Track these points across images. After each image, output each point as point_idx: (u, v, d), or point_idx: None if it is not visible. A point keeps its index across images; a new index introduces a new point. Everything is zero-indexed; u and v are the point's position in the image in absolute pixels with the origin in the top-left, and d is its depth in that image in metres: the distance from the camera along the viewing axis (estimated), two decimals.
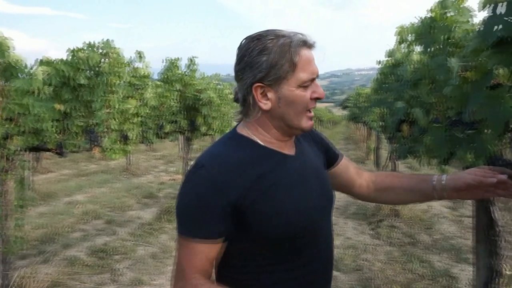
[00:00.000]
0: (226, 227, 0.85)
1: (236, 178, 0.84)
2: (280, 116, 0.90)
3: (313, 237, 0.93)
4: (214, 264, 0.92)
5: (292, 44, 0.86)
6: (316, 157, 1.06)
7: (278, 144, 0.94)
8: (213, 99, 4.75)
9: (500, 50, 1.20)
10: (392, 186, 1.14)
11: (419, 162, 2.42)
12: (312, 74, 0.89)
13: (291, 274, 0.90)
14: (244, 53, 0.88)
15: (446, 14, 1.90)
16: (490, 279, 1.70)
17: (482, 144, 1.34)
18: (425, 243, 4.16)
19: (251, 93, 0.88)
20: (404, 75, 2.73)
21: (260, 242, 0.88)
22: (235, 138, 0.94)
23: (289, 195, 0.89)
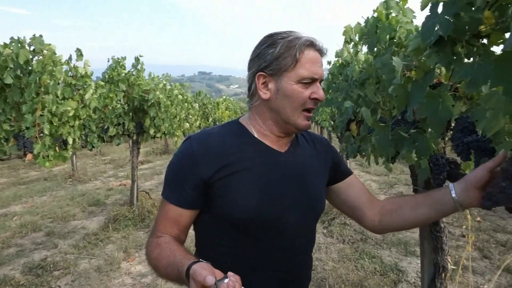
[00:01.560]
0: (196, 198, 0.93)
1: (213, 157, 0.92)
2: (277, 108, 0.95)
3: (273, 233, 0.95)
4: (194, 231, 1.02)
5: (299, 42, 0.92)
6: (314, 164, 1.08)
7: (271, 138, 1.00)
8: (161, 100, 4.56)
9: (439, 49, 1.20)
10: (405, 202, 1.06)
11: (367, 160, 2.45)
12: (313, 74, 0.93)
13: (244, 262, 0.94)
14: (256, 47, 0.97)
15: (390, 14, 1.92)
16: (436, 274, 1.73)
17: (425, 143, 1.34)
18: (375, 239, 4.28)
19: (254, 81, 0.97)
20: (352, 75, 2.76)
21: (220, 220, 0.93)
22: (232, 124, 1.03)
23: (257, 185, 0.92)
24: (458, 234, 4.35)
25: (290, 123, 0.96)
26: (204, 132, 1.00)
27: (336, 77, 3.69)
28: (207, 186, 0.91)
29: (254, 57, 0.97)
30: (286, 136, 1.02)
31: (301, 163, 1.03)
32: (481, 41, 1.20)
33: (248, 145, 0.97)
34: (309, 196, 1.01)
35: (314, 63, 0.94)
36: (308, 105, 0.95)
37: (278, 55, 0.91)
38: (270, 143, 1.00)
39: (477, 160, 1.11)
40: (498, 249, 3.94)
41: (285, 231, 0.96)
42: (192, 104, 7.20)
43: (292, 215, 0.97)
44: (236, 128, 1.01)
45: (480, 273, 3.39)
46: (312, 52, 0.94)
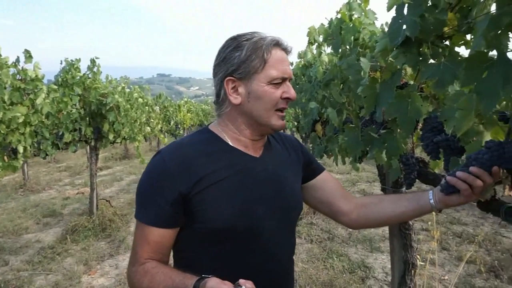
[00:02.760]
0: (177, 216, 0.88)
1: (188, 170, 0.87)
2: (250, 112, 0.93)
3: (256, 242, 0.93)
4: (173, 249, 0.96)
5: (265, 42, 0.90)
6: (288, 165, 1.07)
7: (245, 143, 0.97)
8: (120, 104, 4.37)
9: (406, 50, 1.21)
10: (382, 201, 1.08)
11: (334, 160, 2.47)
12: (283, 73, 0.92)
13: (231, 272, 0.85)
14: (221, 50, 0.94)
15: (353, 16, 1.94)
16: (406, 271, 1.76)
17: (395, 143, 1.35)
18: (341, 237, 4.35)
19: (223, 87, 0.93)
20: (316, 76, 2.77)
21: (204, 235, 0.90)
22: (203, 133, 0.99)
23: (235, 193, 0.90)
24: (419, 228, 4.52)
25: (265, 125, 0.94)
26: (174, 144, 0.95)
27: (299, 78, 3.71)
28: (185, 201, 0.87)
29: (219, 61, 0.94)
30: (261, 139, 1.00)
31: (277, 167, 1.02)
32: (445, 42, 1.22)
33: (223, 153, 0.94)
34: (287, 199, 1.01)
35: (282, 63, 0.92)
36: (280, 105, 0.94)
37: (245, 58, 0.89)
38: (244, 148, 0.97)
39: (446, 158, 1.13)
40: (455, 240, 4.14)
41: (267, 237, 0.95)
42: (153, 107, 6.99)
43: (273, 220, 0.96)
44: (208, 137, 0.97)
45: (440, 265, 3.54)
46: (279, 52, 0.93)
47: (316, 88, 2.72)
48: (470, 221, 4.72)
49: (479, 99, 0.82)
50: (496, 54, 0.82)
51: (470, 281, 3.18)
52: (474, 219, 4.79)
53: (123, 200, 6.62)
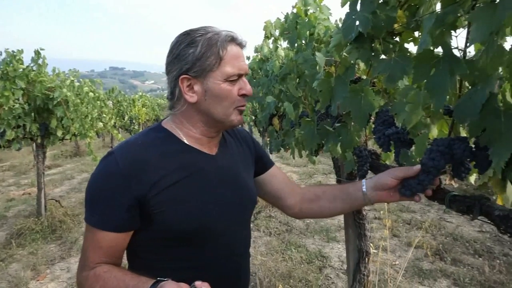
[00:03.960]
0: (129, 218, 0.84)
1: (144, 172, 0.84)
2: (207, 110, 0.91)
3: (214, 241, 0.92)
4: (127, 252, 0.92)
5: (219, 38, 0.88)
6: (242, 160, 1.07)
7: (202, 141, 0.95)
8: (69, 98, 4.12)
9: (359, 45, 1.25)
10: (323, 194, 1.15)
11: (291, 154, 2.50)
12: (239, 70, 0.90)
13: (190, 272, 0.88)
14: (173, 47, 0.90)
15: (308, 11, 1.96)
16: (360, 259, 1.83)
17: (349, 136, 1.39)
18: (299, 228, 4.45)
19: (177, 85, 0.90)
20: (272, 70, 2.79)
21: (161, 237, 0.87)
22: (156, 131, 0.95)
23: (192, 194, 0.88)
24: (372, 217, 4.73)
25: (222, 122, 0.93)
26: (127, 144, 0.90)
27: (256, 72, 3.72)
28: (142, 205, 0.84)
29: (173, 58, 0.90)
30: (218, 135, 1.00)
31: (232, 163, 1.03)
32: (395, 39, 1.27)
33: (179, 153, 0.91)
34: (243, 196, 1.02)
35: (238, 59, 0.91)
36: (239, 102, 0.93)
37: (200, 55, 0.87)
38: (201, 146, 0.96)
39: (397, 151, 1.18)
40: (404, 227, 4.39)
41: (224, 235, 0.95)
42: (105, 102, 6.69)
43: (230, 218, 0.96)
44: (163, 136, 0.94)
45: (392, 251, 3.73)
46: (235, 48, 0.91)
47: (273, 82, 2.73)
48: (418, 208, 5.01)
49: (430, 95, 0.86)
50: (442, 51, 0.86)
51: (418, 265, 3.38)
52: (421, 206, 5.09)
53: (75, 200, 6.31)
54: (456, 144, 0.85)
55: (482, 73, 0.80)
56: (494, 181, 0.88)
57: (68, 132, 4.49)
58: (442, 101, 0.79)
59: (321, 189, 1.18)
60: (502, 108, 0.71)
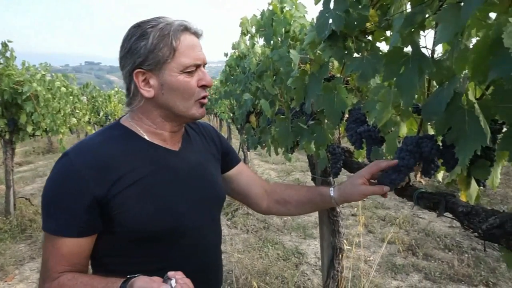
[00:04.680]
0: (90, 221, 0.80)
1: (103, 171, 0.80)
2: (165, 104, 0.87)
3: (183, 239, 0.89)
4: (91, 256, 0.87)
5: (172, 28, 0.84)
6: (207, 155, 1.03)
7: (163, 136, 0.92)
8: (40, 93, 3.98)
9: (332, 43, 1.25)
10: (291, 200, 1.15)
11: (267, 151, 2.51)
12: (195, 60, 0.87)
13: (160, 273, 0.79)
14: (125, 40, 0.86)
15: (284, 8, 1.96)
16: (334, 256, 1.85)
17: (323, 134, 1.40)
18: (277, 226, 4.46)
19: (132, 80, 0.86)
20: (249, 67, 2.78)
21: (125, 238, 0.84)
22: (115, 129, 0.91)
23: (156, 192, 0.85)
24: (348, 214, 4.81)
25: (183, 115, 0.90)
26: (83, 144, 0.86)
27: (234, 69, 3.70)
28: (102, 206, 0.80)
29: (125, 53, 0.86)
30: (180, 130, 0.96)
31: (197, 159, 0.99)
32: (368, 37, 1.28)
33: (140, 150, 0.88)
34: (210, 192, 0.99)
35: (193, 48, 0.87)
36: (200, 94, 0.90)
37: (152, 47, 0.83)
38: (163, 142, 0.93)
39: (368, 148, 1.19)
40: (379, 224, 4.48)
41: (193, 232, 0.92)
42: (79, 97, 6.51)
43: (198, 215, 0.93)
44: (121, 133, 0.90)
45: (367, 247, 3.80)
46: (189, 37, 0.88)
47: (250, 80, 2.72)
48: (392, 205, 5.12)
49: (399, 93, 0.87)
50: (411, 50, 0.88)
51: (391, 260, 3.46)
52: (395, 203, 5.21)
53: None
54: (424, 142, 0.86)
55: (449, 73, 0.82)
56: (460, 178, 0.90)
57: (39, 127, 4.33)
58: (411, 99, 0.80)
59: (289, 194, 1.17)
60: (466, 107, 0.72)
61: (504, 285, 2.97)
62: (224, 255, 3.65)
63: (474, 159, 0.82)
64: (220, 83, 5.18)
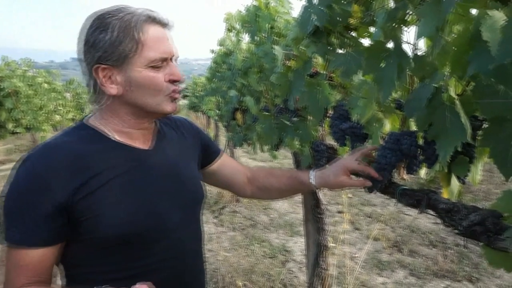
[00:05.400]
0: (55, 229, 0.75)
1: (67, 175, 0.75)
2: (134, 101, 0.82)
3: (158, 244, 0.85)
4: (63, 265, 0.83)
5: (135, 19, 0.78)
6: (184, 152, 0.98)
7: (133, 135, 0.87)
8: (21, 89, 3.88)
9: (316, 39, 1.24)
10: (272, 188, 1.15)
11: (253, 149, 2.49)
12: (162, 54, 0.81)
13: (137, 279, 0.76)
14: (83, 32, 0.80)
15: (269, 4, 1.94)
16: (319, 253, 1.85)
17: (307, 130, 1.39)
18: (263, 223, 4.46)
19: (94, 76, 0.80)
20: (235, 64, 2.75)
21: (95, 245, 0.79)
22: (80, 129, 0.85)
23: (127, 194, 0.80)
24: (335, 211, 4.83)
25: (154, 112, 0.85)
26: (45, 147, 0.80)
27: (220, 66, 3.66)
28: (67, 212, 0.75)
29: (83, 46, 0.80)
30: (151, 127, 0.91)
31: (172, 157, 0.94)
32: (351, 34, 1.27)
33: (108, 151, 0.82)
34: (189, 191, 0.95)
35: (160, 41, 0.81)
36: (169, 89, 0.84)
37: (114, 41, 0.77)
38: (133, 141, 0.87)
39: (352, 145, 1.18)
40: (365, 220, 4.51)
41: (171, 233, 0.87)
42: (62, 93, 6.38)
43: (176, 216, 0.88)
44: (87, 133, 0.84)
45: (353, 244, 3.82)
46: (154, 28, 0.81)
47: (236, 76, 2.70)
48: (378, 202, 5.17)
49: (378, 87, 0.86)
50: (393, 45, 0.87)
51: (377, 256, 3.48)
52: (382, 200, 5.25)
53: None
54: (403, 139, 0.85)
55: (431, 68, 0.81)
56: (441, 175, 0.90)
57: (20, 125, 4.23)
58: (388, 94, 0.79)
59: (270, 182, 1.15)
60: (447, 103, 0.72)
61: (487, 280, 3.02)
62: (211, 253, 3.62)
63: (454, 156, 0.82)
64: (207, 80, 5.13)
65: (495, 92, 0.64)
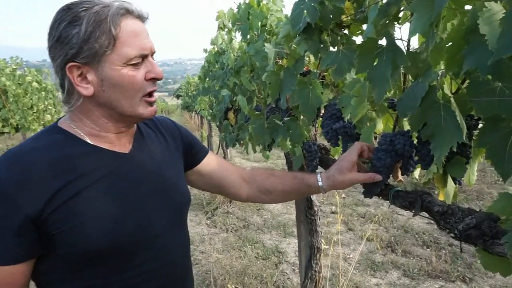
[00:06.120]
0: (24, 244, 0.69)
1: (35, 185, 0.68)
2: (108, 103, 0.76)
3: (139, 255, 0.79)
4: (36, 283, 0.77)
5: (110, 12, 0.72)
6: (166, 154, 0.92)
7: (110, 139, 0.81)
8: (9, 88, 3.81)
9: (307, 36, 1.21)
10: (274, 190, 1.07)
11: (245, 149, 2.45)
12: (141, 50, 0.75)
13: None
14: (53, 26, 0.73)
15: (261, 1, 1.91)
16: (312, 256, 1.82)
17: (298, 130, 1.35)
18: (257, 224, 4.42)
19: (66, 75, 0.74)
20: (227, 63, 2.72)
21: (70, 260, 0.72)
22: (52, 133, 0.79)
23: (108, 203, 0.75)
24: (329, 211, 4.81)
25: (129, 115, 0.79)
26: (11, 154, 0.73)
27: (213, 65, 3.63)
28: (38, 225, 0.69)
29: (54, 42, 0.73)
30: (128, 130, 0.85)
31: (152, 160, 0.88)
32: (344, 31, 1.24)
33: (82, 156, 0.76)
34: (172, 196, 0.89)
35: (138, 36, 0.75)
36: (147, 88, 0.78)
37: (87, 36, 0.70)
38: (109, 145, 0.81)
39: (344, 145, 1.15)
40: (359, 221, 4.49)
41: (157, 242, 0.82)
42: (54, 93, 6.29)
43: (159, 223, 0.82)
44: (59, 138, 0.77)
45: (347, 245, 3.80)
46: (131, 22, 0.75)
47: (228, 75, 2.66)
48: (372, 202, 5.15)
49: (371, 86, 0.83)
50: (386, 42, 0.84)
51: (371, 257, 3.47)
52: (375, 200, 5.25)
53: None
54: (397, 139, 0.82)
55: (425, 66, 0.78)
56: (436, 176, 0.87)
57: (9, 124, 4.15)
58: (383, 93, 0.76)
59: (272, 183, 1.07)
60: (442, 101, 0.69)
61: (480, 280, 3.01)
62: (203, 255, 3.58)
63: (450, 156, 0.79)
64: (199, 80, 5.09)
65: (491, 90, 0.62)
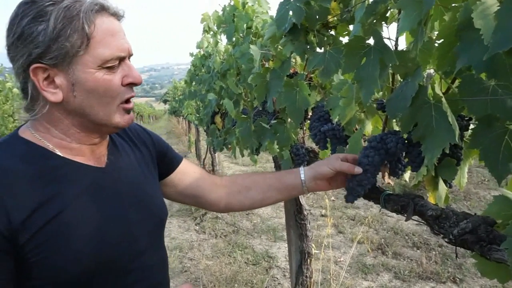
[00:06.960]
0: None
1: (4, 207, 0.59)
2: (80, 110, 0.68)
3: (123, 274, 0.73)
4: None
5: (83, 8, 0.63)
6: (141, 166, 0.84)
7: (83, 151, 0.72)
8: None
9: (293, 37, 1.18)
10: (255, 184, 1.00)
11: (233, 153, 2.41)
12: (118, 51, 0.67)
13: None
14: (13, 22, 0.63)
15: (246, 3, 1.88)
16: (302, 261, 1.78)
17: (286, 133, 1.32)
18: (246, 229, 4.37)
19: (29, 78, 0.64)
20: (214, 67, 2.68)
21: (53, 285, 0.64)
22: (13, 144, 0.68)
23: (87, 224, 0.67)
24: (318, 215, 4.79)
25: (104, 124, 0.71)
26: None
27: (199, 69, 3.58)
28: (8, 253, 0.61)
29: (14, 40, 0.63)
30: (101, 140, 0.77)
31: (129, 173, 0.81)
32: (330, 32, 1.22)
33: (52, 172, 0.67)
34: (150, 210, 0.82)
35: (115, 36, 0.67)
36: (124, 95, 0.71)
37: (56, 34, 0.62)
38: (83, 159, 0.72)
39: (333, 148, 1.12)
40: (349, 223, 4.48)
41: (137, 262, 0.76)
42: None
43: (138, 239, 0.77)
44: (23, 150, 0.67)
45: (337, 248, 3.78)
46: (107, 20, 0.67)
47: (214, 79, 2.62)
48: (361, 204, 5.15)
49: (359, 86, 0.80)
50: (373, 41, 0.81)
51: (362, 260, 3.45)
52: (365, 202, 5.24)
53: None
54: (389, 138, 0.79)
55: (414, 65, 0.75)
56: (427, 178, 0.85)
57: None
58: (370, 93, 0.73)
59: (251, 179, 1.02)
60: (433, 101, 0.66)
61: (470, 280, 3.02)
62: (192, 262, 3.52)
63: (440, 158, 0.77)
64: (185, 84, 5.04)
65: (483, 89, 0.59)
